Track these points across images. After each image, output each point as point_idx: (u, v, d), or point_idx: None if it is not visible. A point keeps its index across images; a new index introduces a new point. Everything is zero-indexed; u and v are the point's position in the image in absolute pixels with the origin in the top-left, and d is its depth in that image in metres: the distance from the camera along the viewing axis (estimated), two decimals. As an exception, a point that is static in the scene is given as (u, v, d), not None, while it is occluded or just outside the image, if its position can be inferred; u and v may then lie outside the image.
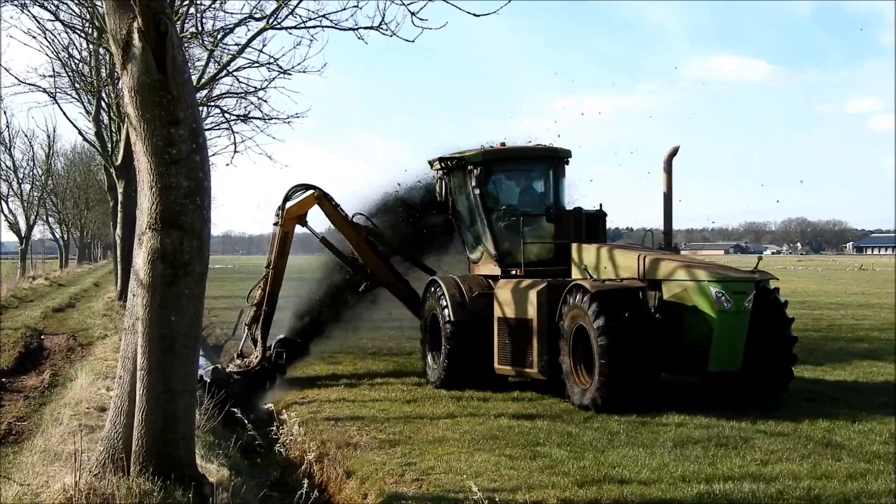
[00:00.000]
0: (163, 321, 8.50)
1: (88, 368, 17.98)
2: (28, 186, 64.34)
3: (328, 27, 16.01)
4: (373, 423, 13.35)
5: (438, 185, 17.38)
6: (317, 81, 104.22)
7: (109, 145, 35.45)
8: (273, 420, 14.57)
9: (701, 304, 13.57)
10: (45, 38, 28.38)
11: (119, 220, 33.16)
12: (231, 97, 25.91)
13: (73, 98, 35.14)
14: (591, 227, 16.18)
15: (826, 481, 9.70)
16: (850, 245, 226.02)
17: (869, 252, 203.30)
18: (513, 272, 16.14)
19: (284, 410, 14.80)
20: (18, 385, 18.01)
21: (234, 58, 20.36)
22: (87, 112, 35.80)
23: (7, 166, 60.09)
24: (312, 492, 9.95)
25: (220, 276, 64.70)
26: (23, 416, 14.80)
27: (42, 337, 26.40)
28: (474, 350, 15.96)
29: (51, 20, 25.02)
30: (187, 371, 8.71)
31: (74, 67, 31.86)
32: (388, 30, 14.07)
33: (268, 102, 23.81)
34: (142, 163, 8.55)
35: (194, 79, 18.80)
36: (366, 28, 14.62)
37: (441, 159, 17.31)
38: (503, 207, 16.71)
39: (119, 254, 34.39)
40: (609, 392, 13.28)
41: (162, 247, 8.46)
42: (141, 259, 8.56)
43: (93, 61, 31.72)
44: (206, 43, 19.84)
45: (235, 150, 25.35)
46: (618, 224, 24.35)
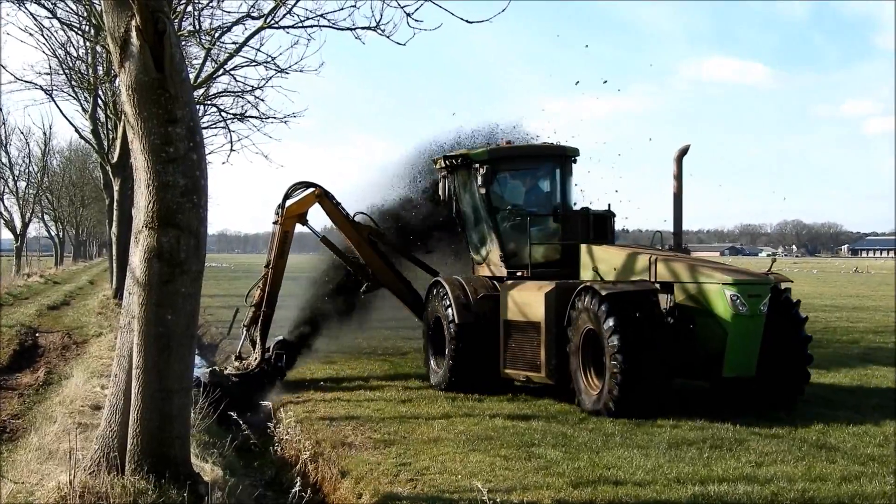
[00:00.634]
0: (159, 319, 8.50)
1: (83, 366, 17.98)
2: (24, 184, 64.46)
3: (326, 27, 15.98)
4: (368, 422, 13.34)
5: (441, 185, 17.06)
6: (314, 81, 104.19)
7: (106, 143, 35.45)
8: (268, 419, 14.55)
9: (715, 308, 13.26)
10: (43, 35, 28.27)
11: (115, 217, 33.15)
12: (228, 96, 25.88)
13: (70, 96, 35.15)
14: (599, 227, 15.88)
15: (821, 483, 9.72)
16: (845, 247, 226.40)
17: (864, 254, 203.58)
18: (519, 273, 15.84)
19: (280, 409, 14.79)
20: (13, 383, 17.98)
21: (231, 56, 20.37)
22: (84, 110, 35.82)
23: (3, 163, 60.18)
24: (306, 491, 9.94)
25: (217, 275, 64.76)
26: (17, 414, 14.79)
27: (37, 334, 26.38)
28: (479, 353, 15.62)
29: (48, 17, 24.94)
30: (183, 370, 8.70)
31: (71, 65, 31.78)
32: (385, 30, 14.06)
33: (264, 101, 23.70)
34: (139, 161, 8.54)
35: (192, 77, 18.79)
36: (363, 28, 14.61)
37: (445, 157, 17.00)
38: (509, 207, 16.38)
39: (114, 252, 34.39)
40: (621, 397, 12.90)
41: (158, 245, 8.45)
42: (137, 257, 8.56)
43: (90, 59, 31.68)
44: (203, 41, 19.81)
45: (232, 149, 25.44)
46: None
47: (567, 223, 15.99)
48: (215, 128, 30.20)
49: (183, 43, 19.82)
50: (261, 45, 24.65)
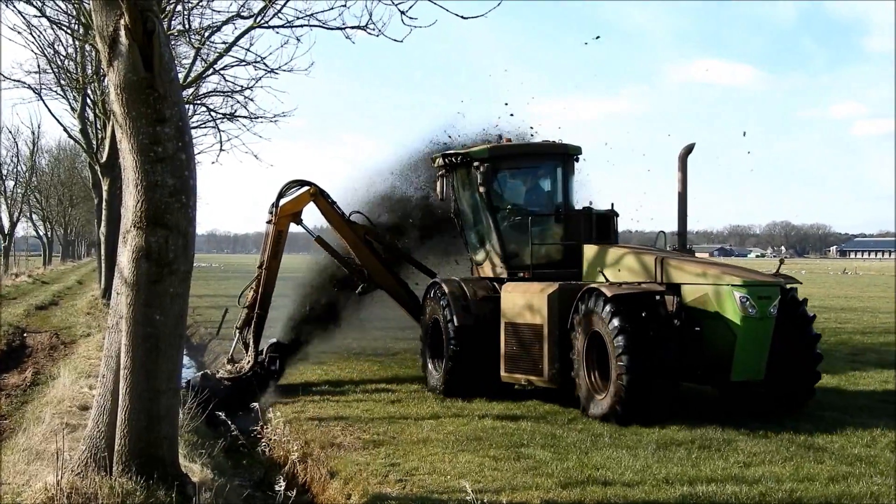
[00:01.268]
0: (147, 320, 8.48)
1: (71, 367, 17.92)
2: (12, 183, 64.36)
3: (315, 26, 15.98)
4: (357, 423, 13.33)
5: (440, 183, 16.54)
6: (304, 81, 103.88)
7: (94, 142, 35.37)
8: (257, 420, 14.51)
9: (724, 310, 12.91)
10: (31, 33, 28.25)
11: (103, 217, 33.10)
12: (217, 95, 25.84)
13: (59, 95, 35.04)
14: (602, 227, 15.53)
15: (808, 483, 9.74)
16: (833, 249, 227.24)
17: (852, 256, 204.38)
18: (520, 274, 15.50)
19: (268, 410, 14.76)
20: (0, 383, 17.91)
21: (220, 56, 20.34)
22: (73, 109, 35.71)
23: (-9, 163, 59.89)
24: (292, 492, 9.92)
25: (205, 275, 64.67)
26: (4, 415, 14.73)
27: (25, 335, 26.29)
28: (479, 357, 15.23)
29: (37, 16, 24.91)
30: (171, 370, 8.69)
31: (60, 64, 31.72)
32: (376, 29, 14.09)
33: (254, 101, 23.78)
34: (127, 160, 8.53)
35: (181, 77, 18.74)
36: (353, 28, 14.62)
37: (444, 155, 16.60)
38: (509, 206, 16.00)
39: (103, 252, 34.32)
40: (627, 402, 12.52)
41: (147, 245, 8.44)
42: (125, 257, 8.54)
43: (79, 58, 31.59)
44: (193, 41, 19.78)
45: (221, 149, 25.41)
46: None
47: (569, 223, 15.68)
48: (205, 127, 30.22)
49: (172, 42, 19.81)
50: (250, 44, 24.64)
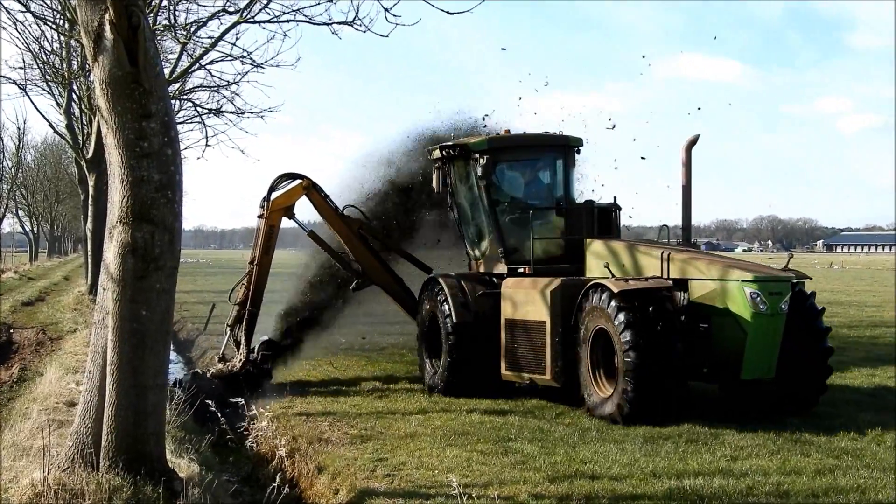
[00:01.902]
0: (133, 315, 8.46)
1: (58, 363, 17.88)
2: (-2, 179, 63.81)
3: (302, 21, 15.93)
4: (344, 418, 13.33)
5: (436, 176, 16.04)
6: (291, 76, 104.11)
7: (80, 138, 35.21)
8: (245, 415, 14.48)
9: (733, 306, 12.54)
10: (16, 28, 28.08)
11: (90, 213, 32.99)
12: (204, 91, 25.75)
13: (44, 90, 34.86)
14: (604, 221, 15.14)
15: (795, 477, 9.78)
16: (820, 243, 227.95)
17: (839, 250, 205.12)
18: (520, 270, 15.08)
19: (256, 405, 14.73)
20: (-13, 379, 17.85)
21: (207, 51, 20.23)
22: (58, 104, 35.53)
23: (-24, 159, 59.55)
24: (283, 487, 9.91)
25: (192, 271, 64.49)
26: (-9, 411, 14.67)
27: (11, 331, 26.18)
28: (478, 354, 14.89)
29: (21, 11, 24.75)
30: (158, 366, 8.68)
31: (45, 59, 31.55)
32: (363, 25, 14.06)
33: (241, 96, 23.68)
34: (113, 156, 8.50)
35: (167, 72, 18.67)
36: (339, 23, 14.60)
37: (442, 147, 16.10)
38: (509, 200, 15.65)
39: (90, 247, 34.21)
40: (634, 401, 12.16)
41: (133, 241, 8.41)
42: (111, 253, 8.51)
43: (64, 53, 31.45)
44: (178, 36, 19.72)
45: (207, 144, 25.28)
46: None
47: (571, 217, 15.31)
48: (191, 123, 30.13)
49: (158, 37, 19.76)
50: (237, 39, 24.52)
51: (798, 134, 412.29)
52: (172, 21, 19.24)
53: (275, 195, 16.61)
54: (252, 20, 16.88)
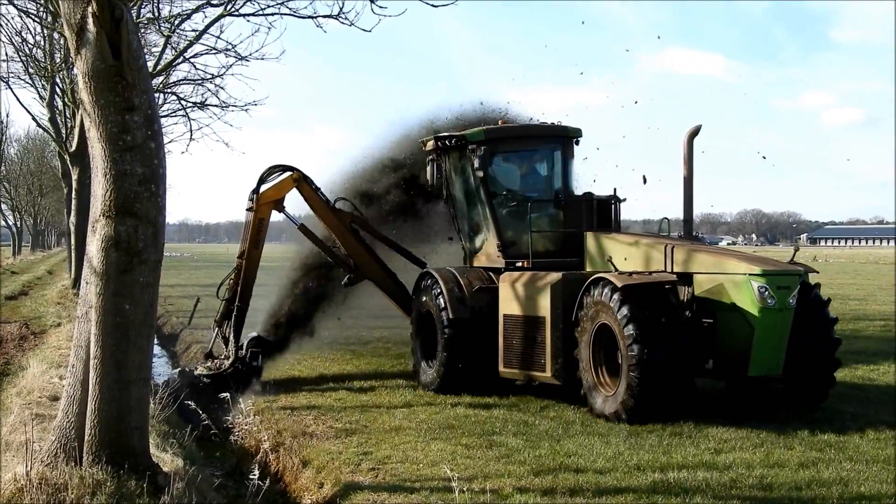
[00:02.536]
0: (117, 309, 8.44)
1: (41, 357, 17.79)
2: (-20, 173, 63.47)
3: (287, 14, 15.85)
4: (329, 412, 13.33)
5: (430, 168, 15.72)
6: (276, 70, 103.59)
7: (64, 132, 35.00)
8: (229, 409, 14.44)
9: (740, 301, 12.22)
10: (-2, 21, 27.88)
11: (73, 207, 32.78)
12: (188, 84, 25.61)
13: (27, 83, 34.51)
14: (603, 213, 14.87)
15: (778, 469, 9.83)
16: (804, 236, 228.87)
17: (822, 243, 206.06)
18: (518, 263, 14.76)
19: (240, 399, 14.70)
20: (-31, 374, 17.76)
21: (191, 44, 20.14)
22: (41, 98, 35.28)
23: (-42, 152, 59.19)
24: (265, 481, 9.90)
25: (177, 265, 64.34)
26: (-26, 406, 14.60)
27: (-6, 325, 26.04)
28: (475, 351, 14.58)
29: (3, 4, 24.59)
30: (141, 360, 8.65)
31: (28, 52, 31.29)
32: (347, 19, 14.00)
33: (225, 90, 23.62)
34: (96, 149, 8.46)
35: (150, 65, 18.60)
36: (325, 17, 14.53)
37: (437, 138, 15.71)
38: (505, 192, 15.30)
39: (73, 241, 34.00)
40: (639, 398, 11.86)
41: (116, 234, 8.39)
42: (94, 247, 8.48)
43: (47, 46, 31.20)
44: (162, 29, 19.62)
45: (192, 138, 25.21)
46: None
47: (570, 209, 14.97)
48: (175, 116, 29.97)
49: (142, 30, 19.66)
50: (221, 32, 24.26)
51: (783, 128, 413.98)
52: (156, 14, 19.11)
53: (264, 188, 16.22)
54: (236, 13, 16.79)
